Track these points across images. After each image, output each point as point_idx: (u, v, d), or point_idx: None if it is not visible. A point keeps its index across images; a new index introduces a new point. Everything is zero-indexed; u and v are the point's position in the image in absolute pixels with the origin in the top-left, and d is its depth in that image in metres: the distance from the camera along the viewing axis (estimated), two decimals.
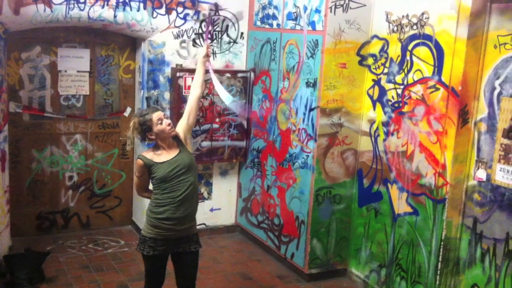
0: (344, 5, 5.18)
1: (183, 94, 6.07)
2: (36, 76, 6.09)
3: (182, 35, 6.13)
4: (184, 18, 6.10)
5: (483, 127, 4.40)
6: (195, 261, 4.11)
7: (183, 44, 6.16)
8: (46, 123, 6.21)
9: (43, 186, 6.33)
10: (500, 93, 4.27)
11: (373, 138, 5.33)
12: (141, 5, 5.81)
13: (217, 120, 6.32)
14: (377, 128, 5.27)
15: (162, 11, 5.95)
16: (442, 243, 4.60)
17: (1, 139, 5.51)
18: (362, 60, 5.37)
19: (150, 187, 4.12)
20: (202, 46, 6.24)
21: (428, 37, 4.64)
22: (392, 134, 5.08)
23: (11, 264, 5.16)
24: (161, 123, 3.91)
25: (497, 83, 4.28)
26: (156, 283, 4.16)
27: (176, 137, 4.04)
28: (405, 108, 4.91)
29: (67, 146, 6.37)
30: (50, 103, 6.20)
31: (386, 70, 5.13)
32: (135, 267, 5.72)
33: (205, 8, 6.17)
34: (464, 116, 4.43)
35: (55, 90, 6.20)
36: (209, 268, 5.78)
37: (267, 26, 6.10)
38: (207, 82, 6.17)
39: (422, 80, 4.72)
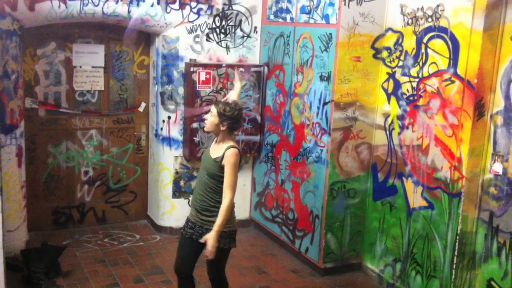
0: None
1: (197, 89, 6.08)
2: (51, 72, 6.13)
3: (196, 30, 6.14)
4: (198, 13, 6.10)
5: (499, 120, 4.36)
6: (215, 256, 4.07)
7: (197, 39, 6.16)
8: (62, 119, 6.26)
9: (59, 181, 6.38)
10: None
11: (387, 132, 5.30)
12: (155, 0, 5.82)
13: None
14: (392, 122, 5.24)
15: (176, 6, 5.96)
16: (457, 237, 4.57)
17: (18, 134, 5.56)
18: (376, 53, 5.33)
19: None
20: (215, 41, 6.25)
21: (444, 30, 4.60)
22: (407, 128, 5.04)
23: (28, 258, 5.21)
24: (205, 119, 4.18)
25: None
26: (176, 261, 4.27)
27: (231, 147, 4.03)
28: (420, 102, 4.88)
29: (82, 141, 6.41)
30: (65, 99, 6.25)
31: (401, 63, 5.09)
32: (150, 261, 5.76)
33: (218, 3, 6.17)
34: (480, 109, 4.39)
35: (70, 85, 6.24)
36: (224, 264, 5.78)
37: (280, 20, 6.09)
38: (221, 77, 6.19)
39: (438, 73, 4.68)
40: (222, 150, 4.02)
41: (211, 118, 4.05)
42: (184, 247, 4.21)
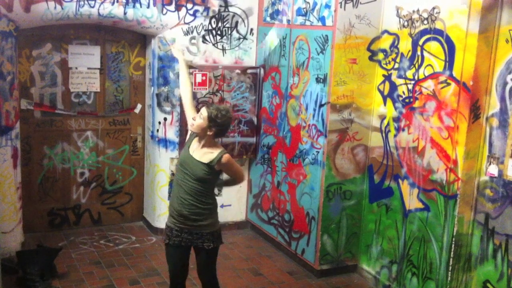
0: (354, 0, 5.16)
1: (193, 90, 6.07)
2: (47, 73, 6.12)
3: (192, 32, 6.14)
4: (194, 15, 6.10)
5: (495, 122, 4.37)
6: (207, 257, 4.14)
7: (193, 41, 6.16)
8: (57, 120, 6.24)
9: (54, 183, 6.37)
10: None
11: (383, 134, 5.31)
12: (151, 1, 5.82)
13: None
14: (388, 124, 5.24)
15: (172, 7, 5.95)
16: (453, 239, 4.58)
17: (13, 136, 5.55)
18: (372, 56, 5.34)
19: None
20: (211, 43, 6.25)
21: (439, 32, 4.61)
22: (403, 130, 5.05)
23: (23, 260, 5.19)
24: (193, 119, 4.04)
25: (509, 78, 4.25)
26: (174, 273, 4.20)
27: (224, 153, 4.01)
28: (416, 104, 4.89)
29: (78, 142, 6.40)
30: (61, 100, 6.23)
31: (396, 65, 5.10)
32: (146, 263, 5.75)
33: (214, 5, 6.17)
34: (475, 111, 4.40)
35: (66, 87, 6.22)
36: (219, 264, 5.72)
37: (276, 22, 6.09)
38: (217, 79, 6.19)
39: (433, 75, 4.69)
40: (212, 155, 3.98)
41: (200, 120, 3.95)
42: (175, 256, 4.15)
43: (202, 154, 4.00)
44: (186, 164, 4.03)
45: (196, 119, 3.98)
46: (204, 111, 3.96)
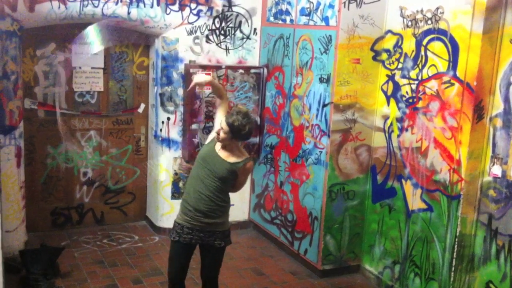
0: (358, 0, 5.16)
1: (196, 90, 6.08)
2: (51, 73, 6.12)
3: (196, 31, 6.14)
4: (198, 15, 6.11)
5: (499, 122, 4.36)
6: (215, 256, 4.17)
7: (197, 41, 6.17)
8: (61, 119, 6.25)
9: (58, 182, 6.37)
10: None
11: (387, 134, 5.30)
12: (155, 1, 5.82)
13: None
14: (391, 124, 5.24)
15: (176, 7, 5.96)
16: (456, 239, 4.57)
17: (17, 135, 5.56)
18: (376, 56, 5.34)
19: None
20: (215, 42, 6.25)
21: (443, 32, 4.60)
22: (406, 130, 5.05)
23: (26, 259, 5.20)
24: (218, 133, 4.01)
25: None
26: (175, 270, 4.19)
27: (249, 159, 4.10)
28: (420, 104, 4.88)
29: (81, 142, 6.41)
30: (64, 100, 6.24)
31: (400, 65, 5.10)
32: (149, 262, 5.75)
33: (218, 4, 6.17)
34: (479, 112, 4.39)
35: (69, 86, 6.23)
36: (222, 264, 5.78)
37: (280, 22, 6.09)
38: (220, 78, 6.19)
39: (437, 76, 4.69)
40: (239, 158, 4.04)
41: (223, 135, 3.96)
42: (182, 254, 4.15)
43: (228, 154, 4.04)
44: (210, 160, 4.04)
45: (220, 133, 3.98)
46: (224, 124, 3.94)
